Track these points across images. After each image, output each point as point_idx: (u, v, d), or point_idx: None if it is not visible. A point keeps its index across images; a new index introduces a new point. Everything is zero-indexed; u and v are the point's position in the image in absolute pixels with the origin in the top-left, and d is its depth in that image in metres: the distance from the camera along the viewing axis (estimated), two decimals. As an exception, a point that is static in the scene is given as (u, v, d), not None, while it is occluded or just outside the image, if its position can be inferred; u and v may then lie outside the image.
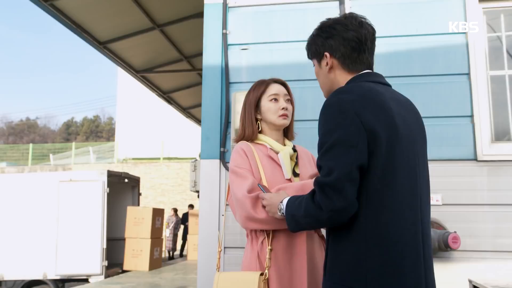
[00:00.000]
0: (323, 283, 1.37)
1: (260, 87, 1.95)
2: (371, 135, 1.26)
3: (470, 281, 2.51)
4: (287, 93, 1.96)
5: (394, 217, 1.26)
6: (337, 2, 2.95)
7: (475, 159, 2.68)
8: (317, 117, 3.09)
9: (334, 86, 1.50)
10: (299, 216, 1.36)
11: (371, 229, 1.25)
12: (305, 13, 2.99)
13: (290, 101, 1.97)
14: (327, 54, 1.50)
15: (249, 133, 1.92)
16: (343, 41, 1.46)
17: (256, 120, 1.93)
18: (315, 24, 3.12)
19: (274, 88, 1.93)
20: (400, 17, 2.88)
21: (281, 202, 1.53)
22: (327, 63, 1.50)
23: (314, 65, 1.62)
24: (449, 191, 2.67)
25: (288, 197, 1.51)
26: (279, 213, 1.55)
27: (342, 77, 1.49)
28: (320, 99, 2.86)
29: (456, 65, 2.79)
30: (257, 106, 1.93)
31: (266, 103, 1.91)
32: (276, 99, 1.91)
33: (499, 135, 2.77)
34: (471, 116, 2.73)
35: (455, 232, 2.57)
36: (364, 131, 1.25)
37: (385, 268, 1.23)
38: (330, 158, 1.26)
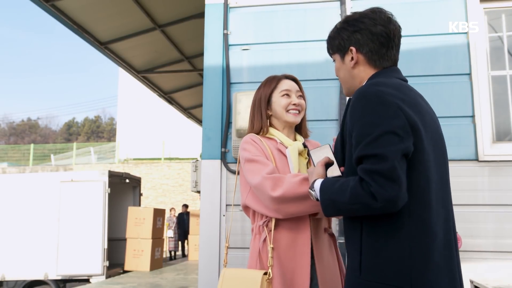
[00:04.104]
0: (354, 281, 1.30)
1: (272, 82, 1.91)
2: (413, 130, 1.24)
3: (471, 282, 2.51)
4: (299, 89, 1.92)
5: (432, 214, 1.26)
6: (338, 2, 2.95)
7: (477, 159, 2.67)
8: (318, 118, 3.07)
9: (356, 82, 1.46)
10: (343, 203, 1.26)
11: (414, 227, 1.23)
12: (306, 13, 2.99)
13: (302, 97, 1.93)
14: (352, 48, 1.44)
15: (257, 128, 1.89)
16: (371, 35, 1.41)
17: (267, 116, 1.89)
18: (316, 24, 3.11)
19: (286, 84, 1.89)
20: (401, 17, 2.86)
21: (313, 183, 1.41)
22: (352, 58, 1.44)
23: (334, 61, 1.55)
24: (450, 192, 2.66)
25: (321, 180, 1.39)
26: (312, 193, 1.42)
27: (366, 73, 1.44)
28: (320, 100, 2.86)
29: (457, 65, 2.78)
30: (268, 102, 1.89)
31: (277, 99, 1.87)
32: (288, 95, 1.87)
33: (501, 135, 2.77)
34: (473, 116, 2.73)
35: (456, 232, 2.56)
36: (408, 125, 1.23)
37: (428, 265, 1.22)
38: (378, 147, 1.19)
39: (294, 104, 1.86)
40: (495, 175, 2.65)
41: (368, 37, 1.41)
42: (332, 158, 1.46)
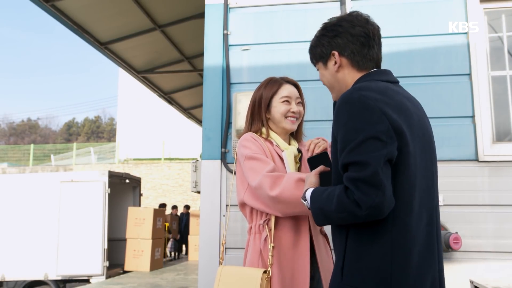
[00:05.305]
0: (336, 286, 1.30)
1: (273, 86, 1.90)
2: (398, 134, 1.23)
3: (471, 282, 2.51)
4: (299, 95, 1.93)
5: (415, 218, 1.26)
6: (338, 3, 2.95)
7: (477, 160, 2.67)
8: (318, 118, 3.08)
9: (342, 87, 1.46)
10: (330, 211, 1.27)
11: (397, 232, 1.23)
12: (306, 14, 2.99)
13: (302, 103, 1.94)
14: (335, 52, 1.44)
15: (256, 129, 1.90)
16: (351, 37, 1.41)
17: (266, 119, 1.90)
18: (316, 25, 3.11)
19: (287, 90, 1.89)
20: (402, 18, 2.88)
21: (305, 192, 1.42)
22: (335, 62, 1.45)
23: (318, 69, 1.55)
24: (450, 192, 2.66)
25: (312, 189, 1.40)
26: (304, 202, 1.43)
27: (350, 76, 1.44)
28: (320, 100, 2.86)
29: (457, 65, 2.79)
30: (267, 105, 1.89)
31: (277, 104, 1.87)
32: (288, 101, 1.87)
33: (500, 136, 2.77)
34: (472, 116, 2.73)
35: (456, 232, 2.56)
36: (392, 130, 1.22)
37: (408, 270, 1.22)
38: (361, 153, 1.19)
39: (293, 112, 1.86)
40: (495, 175, 2.65)
41: (348, 39, 1.42)
42: (330, 166, 1.46)
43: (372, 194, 1.16)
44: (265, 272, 1.66)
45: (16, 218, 7.76)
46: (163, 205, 12.92)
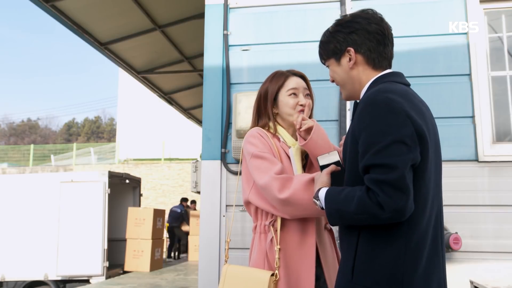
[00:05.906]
0: (345, 285, 1.31)
1: (279, 79, 1.84)
2: (420, 138, 1.23)
3: (471, 282, 2.51)
4: (306, 87, 1.86)
5: (426, 222, 1.27)
6: (338, 3, 2.95)
7: (476, 160, 2.67)
8: (318, 118, 3.08)
9: (356, 85, 1.45)
10: (349, 212, 1.26)
11: (411, 235, 1.24)
12: (306, 14, 2.99)
13: (310, 95, 1.87)
14: (350, 49, 1.42)
15: (263, 124, 1.84)
16: (368, 34, 1.40)
17: (273, 114, 1.83)
18: (316, 25, 3.11)
19: (293, 82, 1.83)
20: (401, 18, 2.88)
21: (318, 192, 1.41)
22: (350, 59, 1.43)
23: (328, 66, 1.52)
24: (450, 192, 2.66)
25: (325, 189, 1.38)
26: (317, 202, 1.42)
27: (365, 74, 1.43)
28: (320, 100, 2.86)
29: (457, 66, 2.79)
30: (274, 99, 1.83)
31: (284, 98, 1.81)
32: (295, 94, 1.81)
33: (500, 136, 2.77)
34: (472, 116, 2.73)
35: (456, 233, 2.56)
36: (415, 134, 1.22)
37: (418, 271, 1.24)
38: (387, 156, 1.19)
39: (301, 105, 1.80)
40: (495, 175, 2.65)
41: (365, 36, 1.41)
42: (340, 165, 1.45)
43: (397, 198, 1.16)
44: (272, 275, 1.63)
45: (16, 218, 7.76)
46: (193, 202, 12.87)
